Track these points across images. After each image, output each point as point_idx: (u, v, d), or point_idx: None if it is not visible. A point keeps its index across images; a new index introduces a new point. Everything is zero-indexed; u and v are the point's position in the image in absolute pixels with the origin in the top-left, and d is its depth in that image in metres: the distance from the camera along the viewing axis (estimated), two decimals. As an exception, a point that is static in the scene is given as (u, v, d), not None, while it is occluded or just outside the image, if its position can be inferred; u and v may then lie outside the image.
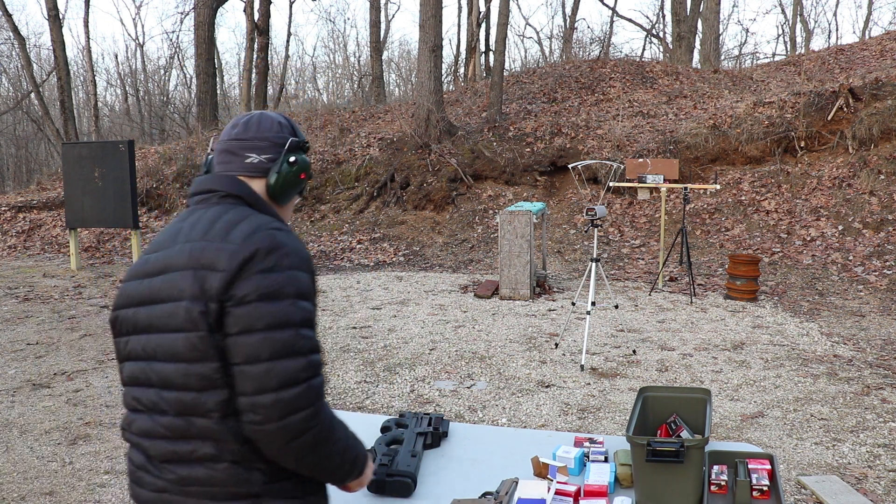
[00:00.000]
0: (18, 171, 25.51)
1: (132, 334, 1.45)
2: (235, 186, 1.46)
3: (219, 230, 1.37)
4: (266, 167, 1.50)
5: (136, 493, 1.47)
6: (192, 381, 1.34)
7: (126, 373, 1.46)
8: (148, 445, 1.41)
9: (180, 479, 1.37)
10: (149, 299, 1.42)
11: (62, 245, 12.02)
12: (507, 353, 5.92)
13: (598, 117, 13.21)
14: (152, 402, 1.40)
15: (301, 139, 1.56)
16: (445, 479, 2.06)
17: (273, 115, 1.55)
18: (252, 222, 1.38)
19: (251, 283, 1.30)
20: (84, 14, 34.75)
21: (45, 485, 3.75)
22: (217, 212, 1.43)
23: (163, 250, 1.44)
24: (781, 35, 36.00)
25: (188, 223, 1.44)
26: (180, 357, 1.34)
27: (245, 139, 1.50)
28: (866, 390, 4.91)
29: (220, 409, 1.33)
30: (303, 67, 37.91)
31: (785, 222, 9.86)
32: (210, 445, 1.34)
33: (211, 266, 1.33)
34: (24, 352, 6.22)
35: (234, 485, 1.34)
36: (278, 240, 1.35)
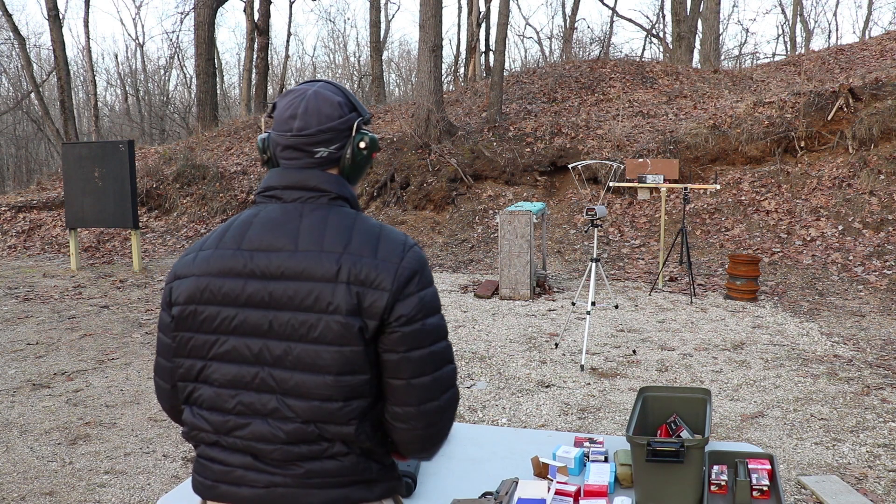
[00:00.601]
0: (18, 171, 25.52)
1: (229, 335, 1.37)
2: (345, 189, 1.43)
3: (363, 243, 1.34)
4: (337, 156, 1.43)
5: (225, 493, 1.40)
6: (337, 392, 1.32)
7: (223, 374, 1.37)
8: (267, 450, 1.36)
9: (307, 473, 1.36)
10: (265, 302, 1.34)
11: (62, 245, 12.02)
12: (507, 353, 5.92)
13: (598, 117, 13.21)
14: (271, 408, 1.35)
15: (364, 115, 1.47)
16: (445, 479, 2.06)
17: (329, 95, 1.43)
18: (392, 237, 1.38)
19: (413, 303, 1.34)
20: (84, 14, 34.77)
21: (45, 485, 3.75)
22: (340, 218, 1.38)
23: (278, 252, 1.35)
24: (781, 35, 36.02)
25: (306, 225, 1.36)
26: (326, 369, 1.32)
27: (309, 134, 1.40)
28: (866, 390, 4.91)
29: (360, 415, 1.35)
30: (303, 67, 37.94)
31: (785, 222, 9.86)
32: (340, 445, 1.36)
33: (370, 283, 1.31)
34: (24, 352, 6.22)
35: (357, 474, 1.38)
36: (422, 257, 1.40)
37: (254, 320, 1.35)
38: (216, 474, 1.40)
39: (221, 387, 1.38)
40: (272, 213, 1.39)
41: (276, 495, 1.36)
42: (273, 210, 1.40)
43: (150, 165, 14.04)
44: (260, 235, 1.37)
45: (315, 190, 1.40)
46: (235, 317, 1.36)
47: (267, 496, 1.36)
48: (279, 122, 1.43)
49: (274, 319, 1.33)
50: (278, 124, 1.43)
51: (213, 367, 1.38)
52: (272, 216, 1.39)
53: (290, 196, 1.40)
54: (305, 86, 1.46)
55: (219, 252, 1.39)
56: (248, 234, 1.38)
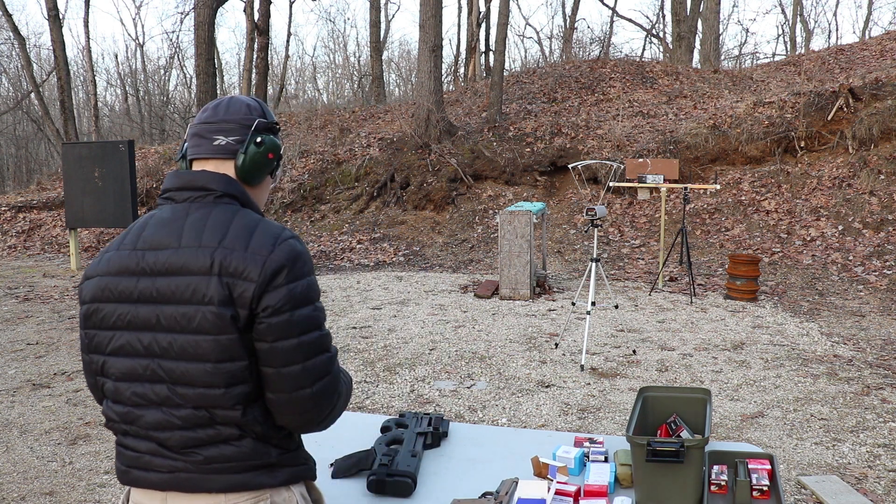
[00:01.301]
0: (18, 171, 25.51)
1: (123, 330, 1.46)
2: (231, 186, 1.50)
3: (236, 237, 1.42)
4: (234, 149, 1.53)
5: (137, 477, 1.48)
6: (218, 379, 1.40)
7: (118, 368, 1.46)
8: (164, 437, 1.44)
9: (205, 460, 1.43)
10: (153, 298, 1.42)
11: (62, 245, 12.02)
12: (507, 353, 5.92)
13: (598, 117, 13.21)
14: (163, 397, 1.43)
15: (270, 120, 1.58)
16: (445, 479, 2.06)
17: (242, 98, 1.57)
18: (267, 230, 1.44)
19: (281, 294, 1.40)
20: (84, 14, 34.76)
21: (45, 485, 3.75)
22: (222, 214, 1.46)
23: (164, 250, 1.44)
24: (781, 35, 36.01)
25: (189, 223, 1.45)
26: (205, 357, 1.39)
27: (213, 122, 1.53)
28: (866, 390, 4.91)
29: (244, 400, 1.42)
30: (303, 67, 37.92)
31: (785, 222, 9.86)
32: (233, 428, 1.43)
33: (239, 275, 1.39)
34: (24, 352, 6.22)
35: (255, 458, 1.44)
36: (297, 249, 1.45)
37: (144, 315, 1.44)
38: (129, 460, 1.49)
39: (118, 380, 1.47)
40: (164, 213, 1.50)
41: (180, 480, 1.44)
42: (165, 210, 1.51)
43: (150, 165, 14.04)
44: (152, 235, 1.47)
45: (202, 189, 1.49)
46: (129, 313, 1.45)
47: (172, 481, 1.45)
48: (196, 116, 1.58)
49: (160, 313, 1.42)
50: (195, 119, 1.58)
51: (111, 361, 1.47)
52: (163, 216, 1.49)
53: (181, 197, 1.50)
54: (227, 95, 1.62)
55: (118, 253, 1.49)
56: (142, 235, 1.49)
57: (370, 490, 1.97)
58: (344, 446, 2.25)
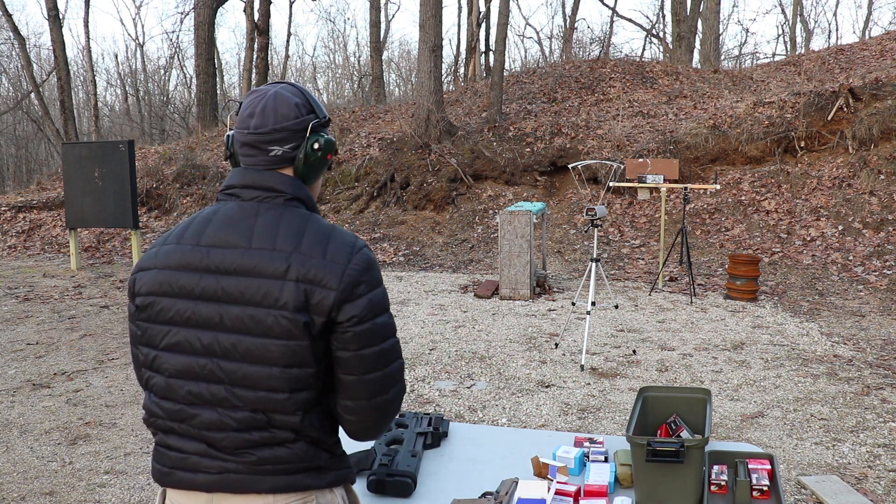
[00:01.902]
0: (18, 171, 25.51)
1: (181, 326, 1.43)
2: (300, 190, 1.48)
3: (313, 243, 1.40)
4: (291, 156, 1.49)
5: (181, 479, 1.45)
6: (283, 384, 1.38)
7: (173, 364, 1.43)
8: (217, 437, 1.42)
9: (258, 461, 1.42)
10: (217, 296, 1.40)
11: (62, 245, 12.02)
12: (507, 353, 5.92)
13: (598, 117, 13.21)
14: (219, 398, 1.41)
15: (321, 116, 1.52)
16: (445, 479, 2.06)
17: (287, 96, 1.49)
18: (342, 239, 1.43)
19: (362, 304, 1.40)
20: (84, 14, 34.78)
21: (45, 485, 3.75)
22: (294, 218, 1.44)
23: (233, 249, 1.40)
24: (781, 35, 36.02)
25: (260, 224, 1.42)
26: (273, 361, 1.37)
27: (265, 132, 1.46)
28: (866, 390, 4.91)
29: (305, 406, 1.41)
30: (303, 67, 37.94)
31: (785, 222, 9.86)
32: (288, 432, 1.42)
33: (318, 282, 1.37)
34: (24, 352, 6.22)
35: (306, 461, 1.44)
36: (371, 258, 1.45)
37: (206, 313, 1.41)
38: (172, 461, 1.46)
39: (171, 376, 1.44)
40: (230, 210, 1.45)
41: (229, 481, 1.42)
42: (231, 208, 1.46)
43: (150, 165, 14.04)
44: (217, 232, 1.43)
45: (271, 190, 1.45)
46: (188, 309, 1.42)
47: (220, 482, 1.43)
48: (240, 119, 1.50)
49: (225, 313, 1.39)
50: (239, 122, 1.50)
51: (164, 357, 1.44)
52: (230, 214, 1.45)
53: (247, 195, 1.46)
54: (268, 87, 1.51)
55: (179, 247, 1.45)
56: (206, 231, 1.44)
57: (370, 490, 1.97)
58: (344, 446, 2.25)
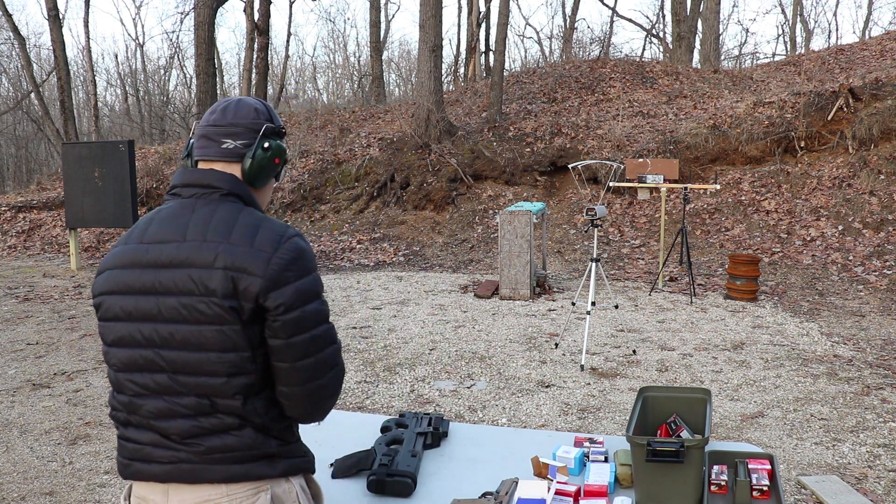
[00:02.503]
0: (18, 171, 25.51)
1: (124, 321, 1.49)
2: (237, 186, 1.54)
3: (241, 234, 1.46)
4: (241, 152, 1.56)
5: (139, 470, 1.50)
6: (220, 367, 1.43)
7: (119, 358, 1.50)
8: (166, 426, 1.46)
9: (207, 450, 1.46)
10: (155, 289, 1.46)
11: (62, 245, 12.02)
12: (507, 353, 5.92)
13: (598, 117, 13.21)
14: (164, 386, 1.46)
15: (277, 125, 1.62)
16: (445, 479, 2.06)
17: (250, 101, 1.59)
18: (271, 228, 1.48)
19: (290, 292, 1.44)
20: (84, 14, 34.76)
21: (45, 485, 3.75)
22: (227, 211, 1.50)
23: (168, 243, 1.47)
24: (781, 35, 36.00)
25: (195, 219, 1.48)
26: (208, 346, 1.43)
27: (221, 125, 1.55)
28: (866, 390, 4.91)
29: (245, 391, 1.45)
30: (303, 67, 37.92)
31: (785, 222, 9.86)
32: (234, 418, 1.46)
33: (244, 270, 1.42)
34: (24, 352, 6.22)
35: (256, 448, 1.47)
36: (301, 246, 1.49)
37: (145, 306, 1.47)
38: (131, 452, 1.52)
39: (119, 370, 1.51)
40: (171, 208, 1.53)
41: (182, 471, 1.47)
42: (172, 206, 1.54)
43: (150, 165, 14.04)
44: (157, 229, 1.51)
45: (208, 186, 1.52)
46: (130, 304, 1.49)
47: (173, 472, 1.47)
48: (203, 117, 1.60)
49: (162, 304, 1.45)
50: (203, 119, 1.60)
51: (112, 351, 1.52)
52: (170, 211, 1.53)
53: (187, 193, 1.53)
54: (236, 96, 1.63)
55: (126, 247, 1.53)
56: (149, 229, 1.53)
57: (370, 490, 1.97)
58: (344, 446, 2.25)
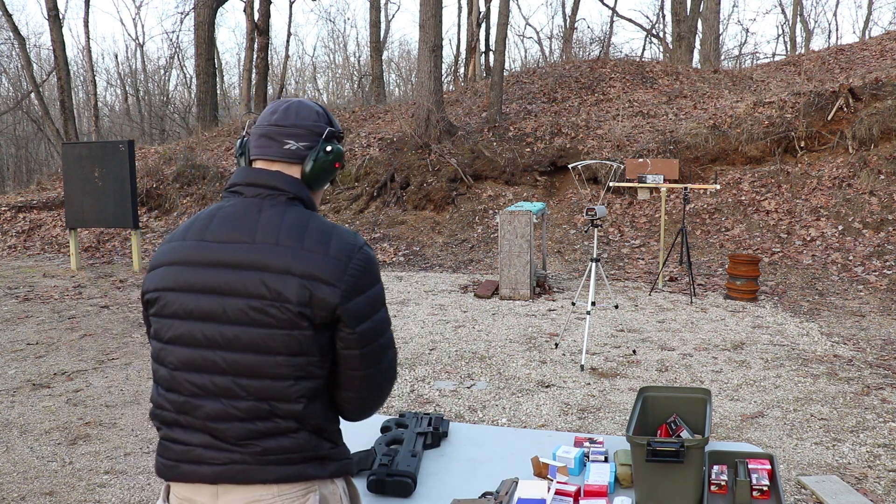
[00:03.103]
0: (18, 171, 25.51)
1: (183, 319, 1.47)
2: (302, 190, 1.54)
3: (316, 240, 1.45)
4: (303, 154, 1.55)
5: (186, 472, 1.48)
6: (287, 371, 1.43)
7: (177, 357, 1.48)
8: (221, 428, 1.45)
9: (263, 451, 1.45)
10: (220, 290, 1.44)
11: (62, 245, 12.02)
12: (507, 353, 5.92)
13: (598, 117, 13.21)
14: (223, 389, 1.45)
15: (337, 129, 1.62)
16: (445, 479, 2.06)
17: (311, 104, 1.59)
18: (344, 237, 1.49)
19: (365, 301, 1.47)
20: (84, 14, 34.77)
21: (45, 485, 3.75)
22: (296, 215, 1.49)
23: (236, 244, 1.45)
24: (781, 35, 36.01)
25: (264, 221, 1.47)
26: (277, 350, 1.42)
27: (284, 126, 1.54)
28: (866, 390, 4.91)
29: (308, 394, 1.46)
30: (303, 67, 37.94)
31: (785, 222, 9.86)
32: (291, 421, 1.46)
33: (321, 279, 1.42)
34: (24, 352, 6.22)
35: (310, 450, 1.48)
36: (371, 256, 1.51)
37: (208, 306, 1.45)
38: (177, 454, 1.49)
39: (175, 369, 1.48)
40: (234, 207, 1.51)
41: (234, 472, 1.45)
42: (235, 205, 1.51)
43: (150, 165, 14.04)
44: (221, 228, 1.48)
45: (274, 189, 1.51)
46: (191, 303, 1.46)
47: (226, 473, 1.45)
48: (262, 116, 1.59)
49: (228, 306, 1.43)
50: (261, 118, 1.59)
51: (169, 349, 1.49)
52: (233, 211, 1.50)
53: (251, 192, 1.51)
54: (294, 98, 1.64)
55: (183, 243, 1.51)
56: (210, 227, 1.50)
57: (370, 490, 1.97)
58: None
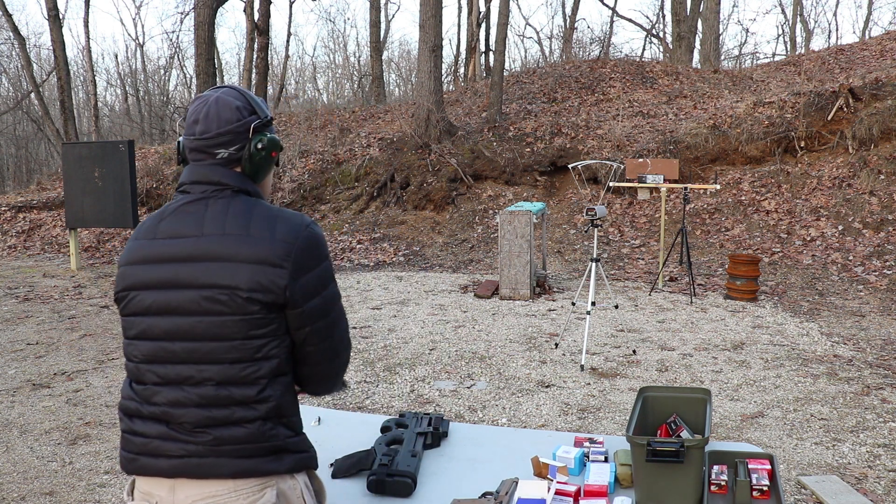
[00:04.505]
0: (18, 171, 25.50)
1: (143, 315, 1.52)
2: (245, 182, 1.57)
3: (261, 226, 1.49)
4: (237, 157, 1.57)
5: (145, 465, 1.51)
6: (243, 355, 1.47)
7: (141, 350, 1.53)
8: (178, 414, 1.48)
9: (216, 440, 1.47)
10: (174, 283, 1.49)
11: (62, 245, 12.02)
12: (507, 353, 5.92)
13: (598, 117, 13.21)
14: (184, 377, 1.49)
15: (262, 115, 1.60)
16: (445, 479, 2.06)
17: (229, 100, 1.56)
18: (289, 219, 1.52)
19: (313, 278, 1.51)
20: (84, 14, 34.77)
21: (45, 485, 3.75)
22: (241, 205, 1.53)
23: (185, 238, 1.50)
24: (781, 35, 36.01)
25: (210, 214, 1.51)
26: (232, 336, 1.46)
27: (209, 137, 1.54)
28: (866, 390, 4.91)
29: (268, 376, 1.49)
30: (303, 67, 37.92)
31: (785, 222, 9.86)
32: (245, 409, 1.48)
33: (267, 262, 1.46)
34: (24, 352, 6.22)
35: (265, 440, 1.50)
36: (318, 234, 1.55)
37: (163, 301, 1.50)
38: (137, 447, 1.53)
39: (141, 362, 1.53)
40: (181, 204, 1.56)
41: (190, 466, 1.47)
42: (182, 202, 1.56)
43: (150, 165, 14.04)
44: (171, 225, 1.54)
45: (218, 184, 1.55)
46: (149, 299, 1.52)
47: (182, 466, 1.48)
48: (186, 126, 1.59)
49: (182, 298, 1.48)
50: (186, 129, 1.60)
51: (134, 344, 1.55)
52: (181, 207, 1.55)
53: (197, 190, 1.55)
54: (210, 92, 1.60)
55: (137, 243, 1.57)
56: (160, 225, 1.55)
57: (370, 490, 1.97)
58: (344, 446, 2.25)
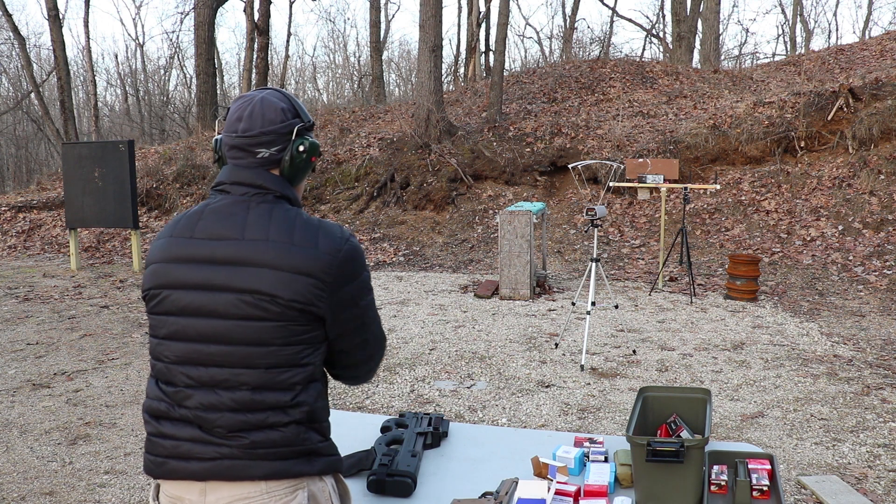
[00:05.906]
0: (18, 171, 25.50)
1: (179, 315, 1.50)
2: (287, 188, 1.57)
3: (304, 236, 1.49)
4: (277, 158, 1.56)
5: (174, 468, 1.48)
6: (280, 360, 1.46)
7: (173, 351, 1.50)
8: (212, 418, 1.46)
9: (251, 444, 1.46)
10: (212, 286, 1.47)
11: (62, 245, 12.02)
12: (507, 353, 5.92)
13: (598, 117, 13.21)
14: (218, 380, 1.47)
15: (306, 120, 1.61)
16: (445, 479, 2.06)
17: (274, 101, 1.56)
18: (332, 231, 1.53)
19: (353, 289, 1.53)
20: (84, 14, 34.78)
21: (45, 485, 3.75)
22: (284, 212, 1.52)
23: (226, 241, 1.48)
24: (781, 35, 36.01)
25: (253, 218, 1.49)
26: (269, 341, 1.45)
27: (251, 136, 1.53)
28: (866, 390, 4.91)
29: (302, 382, 1.49)
30: (303, 67, 37.94)
31: (785, 222, 9.86)
32: (279, 414, 1.47)
33: (310, 273, 1.46)
34: (24, 352, 6.22)
35: (298, 444, 1.49)
36: (357, 247, 1.55)
37: (200, 302, 1.48)
38: (166, 450, 1.50)
39: (171, 363, 1.51)
40: (221, 204, 1.53)
41: (222, 468, 1.45)
42: (222, 202, 1.54)
43: (150, 165, 14.04)
44: (209, 225, 1.51)
45: (260, 188, 1.53)
46: (183, 299, 1.49)
47: (214, 469, 1.46)
48: (228, 123, 1.58)
49: (220, 301, 1.46)
50: (227, 126, 1.58)
51: (165, 344, 1.52)
52: (221, 208, 1.53)
53: (237, 191, 1.54)
54: (255, 92, 1.59)
55: (172, 240, 1.54)
56: (198, 224, 1.52)
57: (370, 490, 1.97)
58: (344, 446, 2.25)
